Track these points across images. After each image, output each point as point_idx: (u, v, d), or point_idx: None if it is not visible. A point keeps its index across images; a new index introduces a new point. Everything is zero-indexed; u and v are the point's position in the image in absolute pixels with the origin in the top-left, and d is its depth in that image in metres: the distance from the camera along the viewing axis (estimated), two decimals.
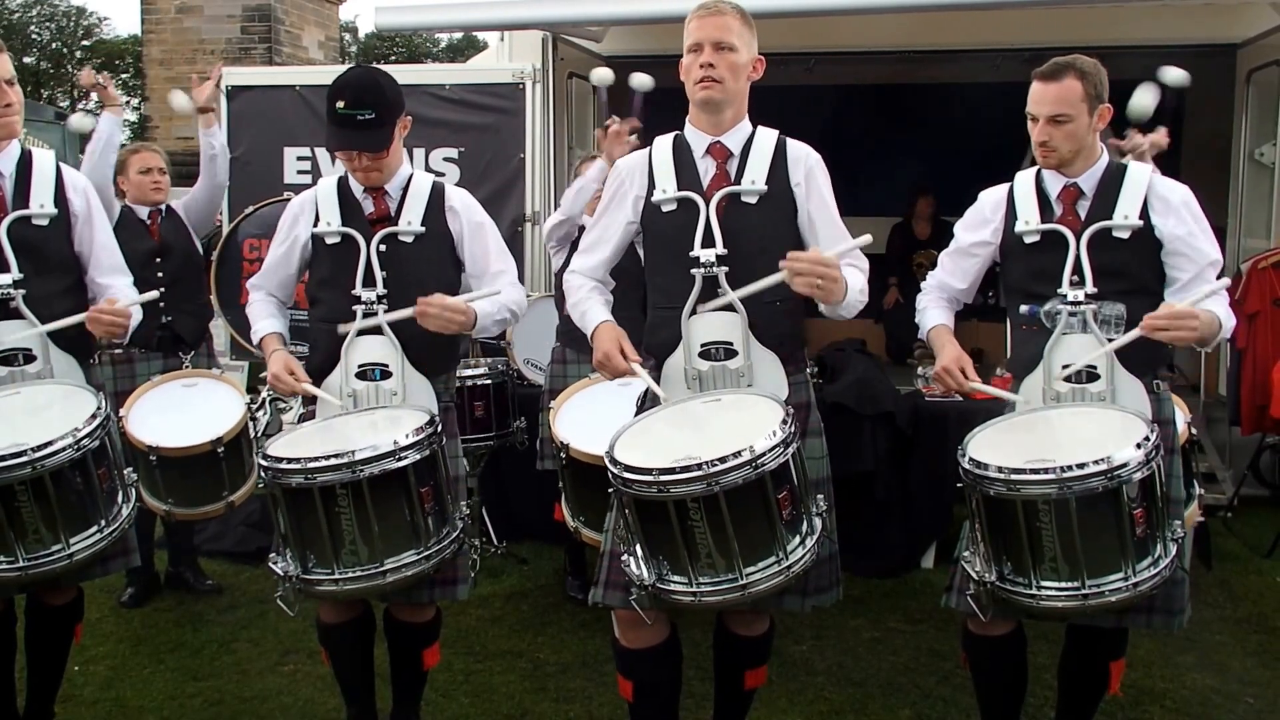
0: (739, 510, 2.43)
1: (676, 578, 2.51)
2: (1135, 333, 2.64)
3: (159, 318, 4.30)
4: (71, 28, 30.64)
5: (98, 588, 4.26)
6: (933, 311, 3.05)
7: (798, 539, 2.53)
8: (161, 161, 4.51)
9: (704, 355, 2.75)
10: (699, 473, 2.39)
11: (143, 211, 4.47)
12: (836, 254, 2.62)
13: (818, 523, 2.59)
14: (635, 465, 2.47)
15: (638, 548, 2.55)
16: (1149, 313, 2.63)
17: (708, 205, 2.74)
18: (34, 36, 29.28)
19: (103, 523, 2.83)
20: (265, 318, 3.14)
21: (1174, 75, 4.25)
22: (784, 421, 2.51)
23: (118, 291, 3.12)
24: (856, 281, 2.69)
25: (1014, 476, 2.50)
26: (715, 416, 2.67)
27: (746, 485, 2.42)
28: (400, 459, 2.70)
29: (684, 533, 2.45)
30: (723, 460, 2.39)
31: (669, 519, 2.45)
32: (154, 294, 3.16)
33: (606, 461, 2.55)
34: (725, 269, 2.70)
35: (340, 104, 2.92)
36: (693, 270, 2.71)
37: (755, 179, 2.75)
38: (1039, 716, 3.38)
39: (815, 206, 2.78)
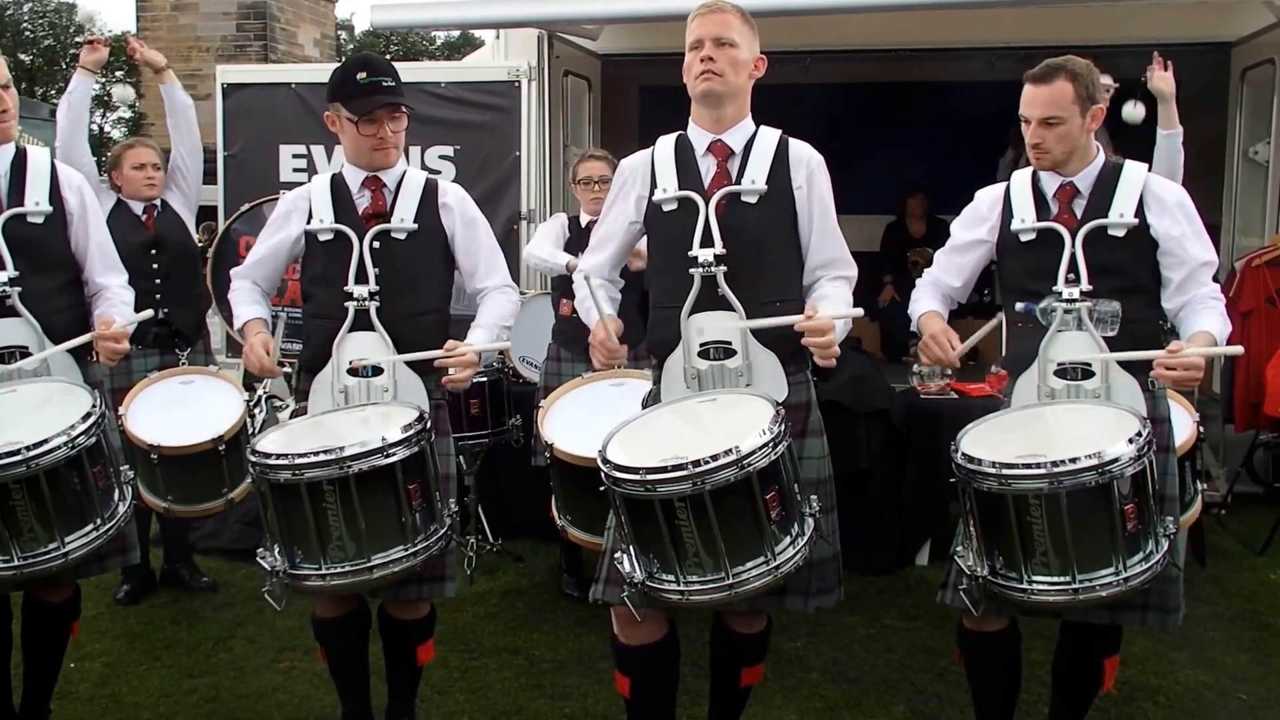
0: (726, 510, 2.42)
1: (666, 576, 2.51)
2: (1150, 360, 2.65)
3: (156, 312, 4.30)
4: (64, 24, 30.53)
5: (94, 585, 4.26)
6: (924, 301, 3.06)
7: (788, 539, 2.52)
8: (156, 157, 4.51)
9: (703, 355, 2.75)
10: (685, 472, 2.39)
11: (137, 206, 4.47)
12: (832, 317, 2.63)
13: (810, 523, 2.58)
14: (624, 464, 2.48)
15: (630, 546, 2.55)
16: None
17: (707, 204, 2.74)
18: (27, 34, 29.18)
19: (98, 521, 2.83)
20: (249, 304, 3.15)
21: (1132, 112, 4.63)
22: (773, 420, 2.51)
23: (113, 292, 3.15)
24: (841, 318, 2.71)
25: (1006, 471, 2.50)
26: (710, 416, 2.67)
27: (733, 485, 2.42)
28: (388, 455, 2.70)
29: (671, 532, 2.45)
30: (710, 459, 2.39)
31: (656, 518, 2.45)
32: (148, 313, 3.19)
33: (599, 460, 2.56)
34: (723, 269, 2.70)
35: (362, 75, 3.01)
36: (691, 270, 2.72)
37: (756, 178, 2.75)
38: (1033, 713, 3.39)
39: (816, 210, 2.79)
